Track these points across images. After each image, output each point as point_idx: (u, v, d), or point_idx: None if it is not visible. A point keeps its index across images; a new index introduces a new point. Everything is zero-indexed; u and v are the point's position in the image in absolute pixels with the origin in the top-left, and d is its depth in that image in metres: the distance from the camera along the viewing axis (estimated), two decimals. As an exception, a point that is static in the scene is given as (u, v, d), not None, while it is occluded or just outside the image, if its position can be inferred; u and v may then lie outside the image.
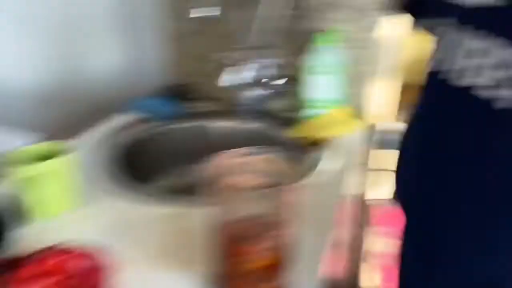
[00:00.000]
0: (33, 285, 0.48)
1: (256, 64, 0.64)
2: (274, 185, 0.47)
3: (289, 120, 1.03)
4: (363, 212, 1.13)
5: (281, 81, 0.99)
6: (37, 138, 0.73)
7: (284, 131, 0.97)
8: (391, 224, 1.15)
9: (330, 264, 0.75)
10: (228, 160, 0.50)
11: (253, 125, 1.02)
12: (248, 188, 0.47)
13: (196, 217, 0.65)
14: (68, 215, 0.66)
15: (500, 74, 0.38)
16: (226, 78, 0.44)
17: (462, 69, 0.42)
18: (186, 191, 0.73)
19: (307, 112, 1.00)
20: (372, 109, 1.01)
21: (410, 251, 0.59)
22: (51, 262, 0.50)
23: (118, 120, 1.00)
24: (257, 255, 0.45)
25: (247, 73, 0.47)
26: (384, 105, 1.07)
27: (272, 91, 1.00)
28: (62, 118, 1.23)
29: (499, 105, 0.38)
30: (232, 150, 0.51)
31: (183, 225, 0.63)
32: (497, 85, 0.38)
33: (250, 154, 0.50)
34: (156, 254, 0.57)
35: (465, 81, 0.42)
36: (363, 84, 1.00)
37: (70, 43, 1.13)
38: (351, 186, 0.87)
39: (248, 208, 0.46)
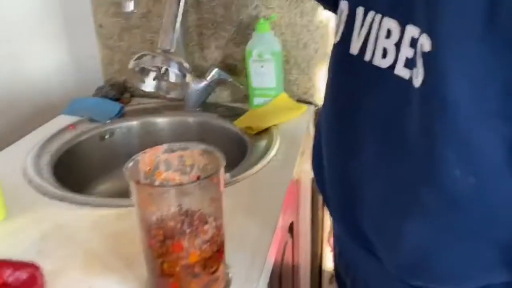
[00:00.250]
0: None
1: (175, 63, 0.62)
2: (206, 178, 0.45)
3: (233, 110, 1.01)
4: (319, 195, 1.13)
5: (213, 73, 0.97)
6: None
7: (229, 121, 0.96)
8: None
9: (282, 251, 0.75)
10: (155, 155, 0.48)
11: (198, 118, 1.00)
12: (178, 183, 0.46)
13: (134, 216, 0.63)
14: (0, 226, 0.62)
15: (402, 52, 0.38)
16: (149, 83, 0.43)
17: (363, 44, 0.43)
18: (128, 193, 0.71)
19: (251, 101, 0.99)
20: (317, 93, 1.01)
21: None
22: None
23: (57, 123, 0.95)
24: (191, 250, 0.44)
25: (172, 73, 0.45)
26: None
27: (210, 82, 0.98)
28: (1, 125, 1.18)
29: (399, 82, 0.39)
30: (160, 145, 0.49)
31: (122, 227, 0.61)
32: (396, 63, 0.39)
33: (179, 148, 0.49)
34: (95, 258, 0.55)
35: (366, 56, 0.42)
36: (306, 70, 1.00)
37: (4, 45, 1.08)
38: (300, 170, 0.87)
39: (179, 202, 0.44)
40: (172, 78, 0.43)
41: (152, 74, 0.44)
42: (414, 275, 0.43)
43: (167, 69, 0.44)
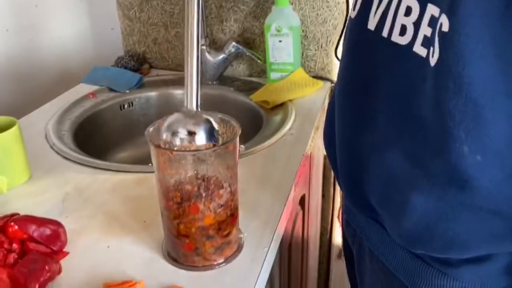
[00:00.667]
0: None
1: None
2: (222, 145, 0.47)
3: (250, 84, 1.02)
4: (330, 172, 1.15)
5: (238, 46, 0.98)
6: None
7: (245, 95, 0.97)
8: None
9: (292, 222, 0.77)
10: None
11: (214, 91, 1.01)
12: (194, 149, 0.47)
13: (154, 181, 0.66)
14: (25, 186, 0.65)
15: (421, 31, 0.38)
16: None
17: (380, 20, 0.43)
18: (147, 160, 0.73)
19: (268, 75, 1.00)
20: (334, 70, 1.01)
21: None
22: (12, 229, 0.50)
23: (78, 91, 0.98)
24: (206, 212, 0.46)
25: (200, 139, 0.47)
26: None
27: (228, 56, 0.99)
28: (20, 92, 1.21)
29: (417, 60, 0.39)
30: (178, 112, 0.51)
31: (140, 191, 0.64)
32: (414, 41, 0.39)
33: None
34: (114, 220, 0.58)
35: (383, 32, 0.43)
36: (324, 45, 1.00)
37: (23, 16, 1.10)
38: (313, 145, 0.88)
39: (196, 168, 0.46)
40: (201, 141, 0.45)
41: (183, 133, 0.45)
42: (418, 244, 0.44)
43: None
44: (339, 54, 0.99)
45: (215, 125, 0.47)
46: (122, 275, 0.49)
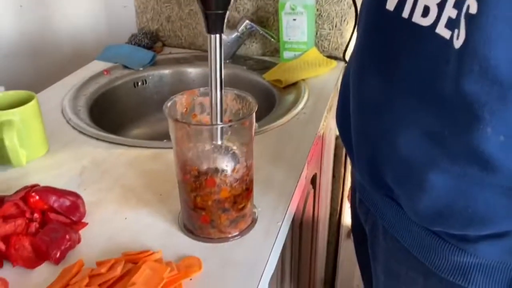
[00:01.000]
0: (18, 220, 0.49)
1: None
2: (239, 120, 0.48)
3: (263, 63, 1.02)
4: (343, 150, 1.15)
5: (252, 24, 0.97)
6: (5, 89, 0.72)
7: (258, 74, 0.97)
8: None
9: (303, 200, 0.78)
10: (192, 97, 0.50)
11: (227, 70, 1.01)
12: (211, 124, 0.48)
13: (170, 157, 0.67)
14: (43, 159, 0.67)
15: (445, 12, 0.38)
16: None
17: (400, 1, 0.43)
18: (160, 137, 0.74)
19: (281, 54, 1.00)
20: (348, 50, 1.00)
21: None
22: (34, 199, 0.52)
23: (92, 68, 0.99)
24: (222, 186, 0.47)
25: (223, 168, 0.49)
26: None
27: (241, 34, 0.99)
28: (34, 69, 1.22)
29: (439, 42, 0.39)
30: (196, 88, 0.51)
31: (156, 166, 0.65)
32: (437, 22, 0.39)
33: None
34: (130, 193, 0.59)
35: (404, 13, 0.42)
36: (338, 25, 0.99)
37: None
38: (326, 125, 0.89)
39: (212, 142, 0.47)
40: (226, 168, 0.47)
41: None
42: (436, 222, 0.45)
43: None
44: (354, 34, 0.99)
45: (237, 151, 0.48)
46: (139, 245, 0.50)
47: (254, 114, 0.47)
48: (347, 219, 1.24)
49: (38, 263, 0.48)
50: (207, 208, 0.48)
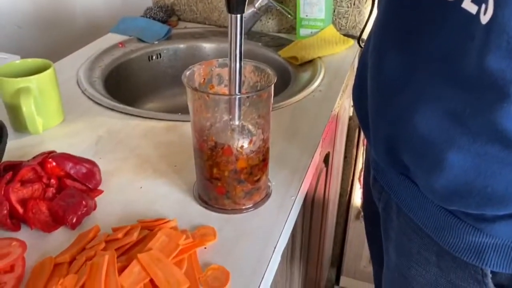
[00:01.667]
0: (35, 185, 0.50)
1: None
2: (258, 91, 0.47)
3: (278, 40, 1.01)
4: (356, 131, 1.14)
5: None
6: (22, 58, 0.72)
7: (273, 51, 0.96)
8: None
9: (316, 177, 0.78)
10: (210, 68, 0.50)
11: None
12: (229, 94, 0.48)
13: (184, 129, 0.67)
14: (59, 128, 0.67)
15: None
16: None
17: None
18: (174, 112, 0.74)
19: (297, 31, 0.98)
20: (366, 28, 0.99)
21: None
22: (51, 165, 0.52)
23: (107, 40, 0.98)
24: (239, 156, 0.47)
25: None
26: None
27: (258, 10, 0.98)
28: (48, 40, 1.22)
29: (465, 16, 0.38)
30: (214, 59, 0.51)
31: (171, 138, 0.65)
32: None
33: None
34: (145, 163, 0.59)
35: None
36: (357, 2, 0.97)
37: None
38: (340, 105, 0.88)
39: (229, 113, 0.46)
40: (243, 139, 0.46)
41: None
42: (452, 201, 0.44)
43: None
44: (373, 12, 0.97)
45: (251, 127, 0.48)
46: (154, 213, 0.51)
47: (272, 86, 0.47)
48: (356, 200, 1.24)
49: (55, 227, 0.49)
50: (223, 179, 0.48)
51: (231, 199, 0.50)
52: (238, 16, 0.45)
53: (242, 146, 0.47)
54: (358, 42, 0.90)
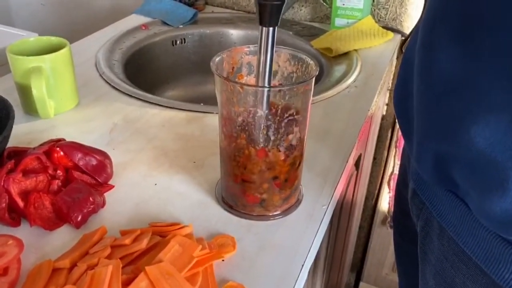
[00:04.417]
0: (39, 176, 0.45)
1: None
2: (299, 83, 0.41)
3: (311, 29, 0.94)
4: (389, 132, 1.07)
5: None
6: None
7: (305, 41, 0.89)
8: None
9: (347, 182, 0.71)
10: (240, 55, 0.44)
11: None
12: (269, 86, 0.41)
13: (206, 122, 0.61)
14: (72, 113, 0.62)
15: None
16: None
17: None
18: (196, 101, 0.68)
19: (332, 21, 0.91)
20: (407, 21, 0.91)
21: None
22: (58, 155, 0.47)
23: (130, 21, 0.93)
24: (272, 158, 0.41)
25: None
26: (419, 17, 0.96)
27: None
28: (69, 21, 1.18)
29: None
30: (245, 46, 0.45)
31: (191, 130, 0.59)
32: None
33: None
34: (162, 156, 0.54)
35: None
36: (398, -9, 0.90)
37: None
38: (376, 103, 0.81)
39: (265, 107, 0.40)
40: (277, 138, 0.40)
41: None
42: None
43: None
44: (416, 3, 0.89)
45: None
46: (168, 215, 0.45)
47: (313, 79, 0.40)
48: (383, 205, 1.16)
49: (57, 224, 0.43)
50: (252, 181, 0.42)
51: (265, 207, 0.44)
52: (271, 29, 0.38)
53: (277, 146, 0.40)
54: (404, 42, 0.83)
